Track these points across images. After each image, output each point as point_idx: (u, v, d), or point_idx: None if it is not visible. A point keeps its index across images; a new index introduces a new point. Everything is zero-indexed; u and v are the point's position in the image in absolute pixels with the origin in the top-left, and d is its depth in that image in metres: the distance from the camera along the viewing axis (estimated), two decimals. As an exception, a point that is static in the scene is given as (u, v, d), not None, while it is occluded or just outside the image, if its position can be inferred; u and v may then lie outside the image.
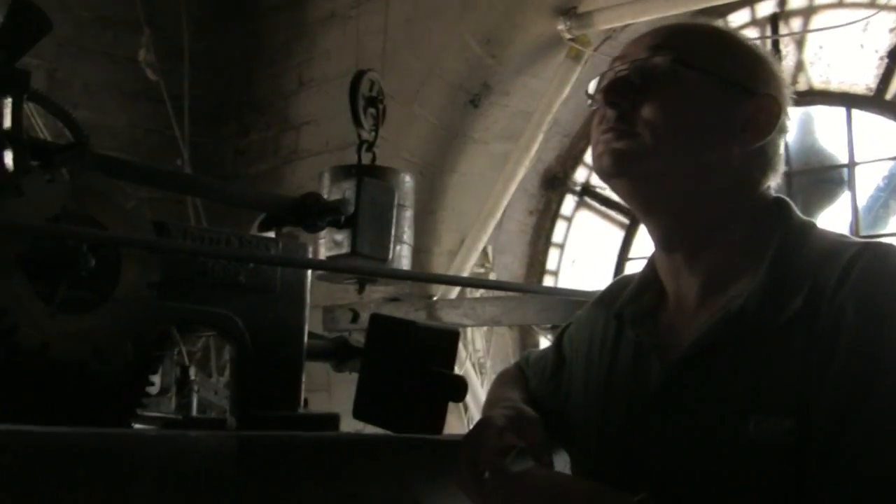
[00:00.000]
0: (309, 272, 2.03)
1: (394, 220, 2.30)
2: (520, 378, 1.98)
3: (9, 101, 1.63)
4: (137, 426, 1.90)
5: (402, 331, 1.89)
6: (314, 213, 2.15)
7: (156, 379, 2.21)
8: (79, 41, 5.75)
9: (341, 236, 2.23)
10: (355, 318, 4.03)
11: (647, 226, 1.64)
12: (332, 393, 4.19)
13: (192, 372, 2.14)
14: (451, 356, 1.90)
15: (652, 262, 1.70)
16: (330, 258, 2.27)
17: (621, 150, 1.53)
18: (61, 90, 5.66)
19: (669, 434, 1.46)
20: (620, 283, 1.82)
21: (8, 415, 1.63)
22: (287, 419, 1.94)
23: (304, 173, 5.67)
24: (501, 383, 2.02)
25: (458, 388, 1.86)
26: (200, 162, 6.15)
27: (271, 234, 2.06)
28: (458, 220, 5.02)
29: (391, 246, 2.30)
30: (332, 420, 2.05)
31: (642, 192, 1.56)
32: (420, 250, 4.81)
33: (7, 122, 1.63)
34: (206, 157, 6.21)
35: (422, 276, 3.33)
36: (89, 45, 5.80)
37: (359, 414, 1.93)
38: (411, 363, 1.85)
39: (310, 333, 2.08)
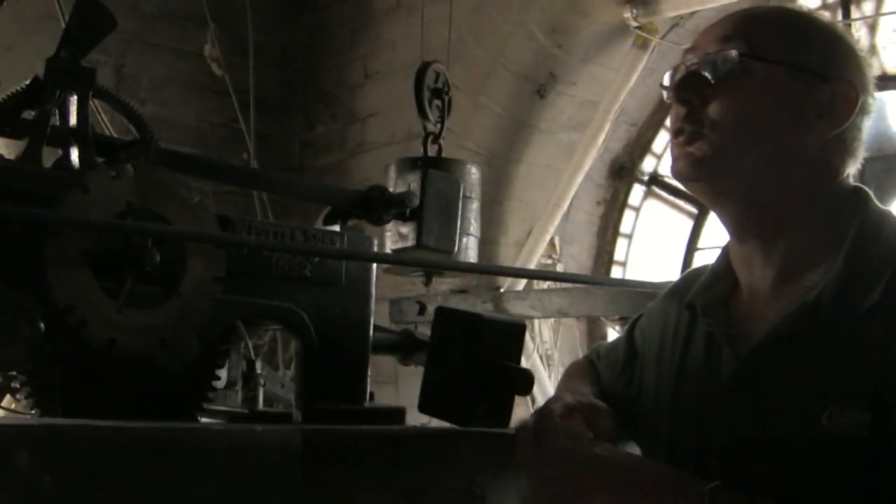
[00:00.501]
0: (374, 265, 2.03)
1: (459, 212, 2.29)
2: (590, 371, 1.97)
3: (74, 99, 1.64)
4: (204, 420, 1.92)
5: (468, 324, 1.87)
6: (379, 206, 2.14)
7: (222, 373, 2.21)
8: (145, 36, 5.82)
9: (407, 229, 2.22)
10: (422, 310, 4.03)
11: (719, 216, 1.61)
12: (399, 386, 4.19)
13: (259, 366, 2.13)
14: (517, 349, 1.88)
15: (725, 252, 1.67)
16: (395, 251, 2.26)
17: (692, 156, 1.51)
18: (128, 86, 5.75)
19: (742, 425, 1.44)
20: (692, 275, 1.79)
21: (76, 409, 1.64)
22: (353, 413, 1.93)
23: (370, 166, 5.68)
24: (571, 376, 2.01)
25: (525, 382, 1.84)
26: (267, 155, 6.19)
27: (336, 228, 2.06)
28: (525, 210, 4.99)
29: (457, 238, 2.29)
30: (398, 414, 2.04)
31: (715, 189, 1.54)
32: (487, 241, 4.79)
33: (73, 120, 1.64)
34: (272, 150, 6.26)
35: (487, 269, 3.30)
36: (155, 40, 5.87)
37: (424, 408, 1.92)
38: (477, 356, 1.83)
39: (376, 327, 2.07)
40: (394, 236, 2.26)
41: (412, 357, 2.22)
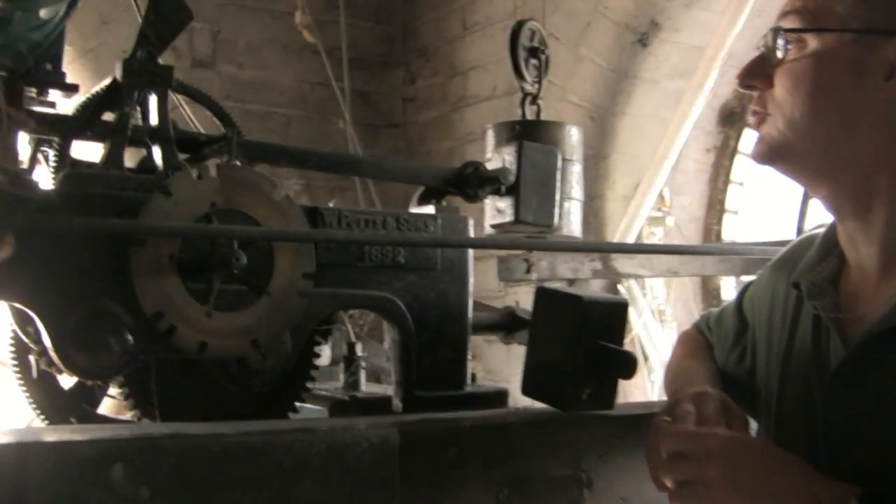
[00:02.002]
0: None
1: (558, 184, 2.22)
2: (703, 346, 1.90)
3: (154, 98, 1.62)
4: (308, 405, 1.91)
5: (569, 305, 1.81)
6: (474, 183, 2.09)
7: (325, 350, 2.21)
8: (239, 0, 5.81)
9: (504, 204, 2.17)
10: (529, 268, 3.98)
11: (813, 195, 1.53)
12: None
13: (360, 348, 2.12)
14: (619, 330, 1.83)
15: (833, 226, 1.58)
16: (493, 226, 2.21)
17: (762, 139, 1.47)
18: (225, 50, 5.76)
19: (851, 416, 1.37)
20: (803, 245, 1.70)
21: (174, 409, 1.65)
22: (453, 399, 1.91)
23: (472, 120, 5.62)
24: (685, 353, 1.93)
25: (628, 365, 1.78)
26: (369, 112, 6.17)
27: (430, 209, 2.01)
28: (632, 163, 4.87)
29: (556, 210, 2.22)
30: (499, 397, 2.01)
31: (792, 171, 1.48)
32: (593, 196, 4.71)
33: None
34: (374, 107, 6.23)
35: (587, 246, 3.22)
36: (250, 2, 5.85)
37: (527, 390, 1.88)
38: (579, 338, 1.77)
39: (476, 304, 2.03)
40: (491, 211, 2.21)
41: (514, 336, 2.18)
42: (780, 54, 1.43)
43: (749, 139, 5.13)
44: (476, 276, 1.98)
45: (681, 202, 5.01)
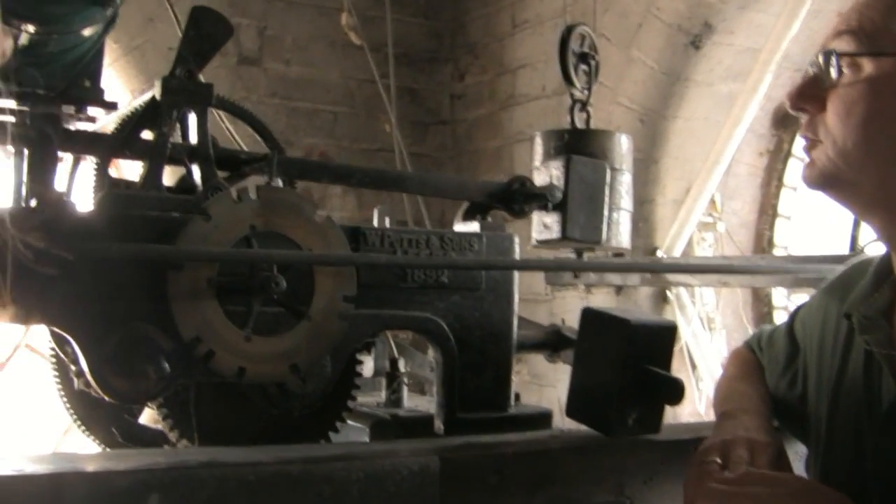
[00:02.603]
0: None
1: (606, 199, 2.18)
2: (754, 366, 1.85)
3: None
4: (350, 422, 1.89)
5: (616, 328, 1.77)
6: (521, 200, 2.05)
7: (369, 362, 2.19)
8: (286, -5, 5.78)
9: (551, 219, 2.13)
10: (577, 273, 3.94)
11: (865, 223, 1.47)
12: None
13: (402, 364, 2.09)
14: (667, 354, 1.79)
15: (888, 256, 1.52)
16: (539, 241, 2.18)
17: (812, 164, 1.41)
18: (272, 47, 5.74)
19: None
20: (856, 270, 1.65)
21: (211, 434, 1.63)
22: (496, 421, 1.88)
23: (521, 119, 5.57)
24: (736, 373, 1.89)
25: (675, 391, 1.74)
26: (417, 109, 6.14)
27: (475, 226, 1.97)
28: (683, 167, 4.80)
29: (604, 226, 2.18)
30: (543, 418, 1.98)
31: (842, 199, 1.42)
32: (643, 201, 4.64)
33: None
34: (421, 104, 6.19)
35: (635, 266, 3.17)
36: (296, -2, 5.81)
37: (571, 412, 1.85)
38: (625, 362, 1.74)
39: (521, 320, 2.00)
40: (538, 226, 2.17)
41: (560, 354, 2.14)
42: (832, 77, 1.37)
43: (803, 143, 5.03)
44: (523, 280, 1.95)
45: (732, 206, 4.93)
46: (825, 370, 1.57)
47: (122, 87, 5.45)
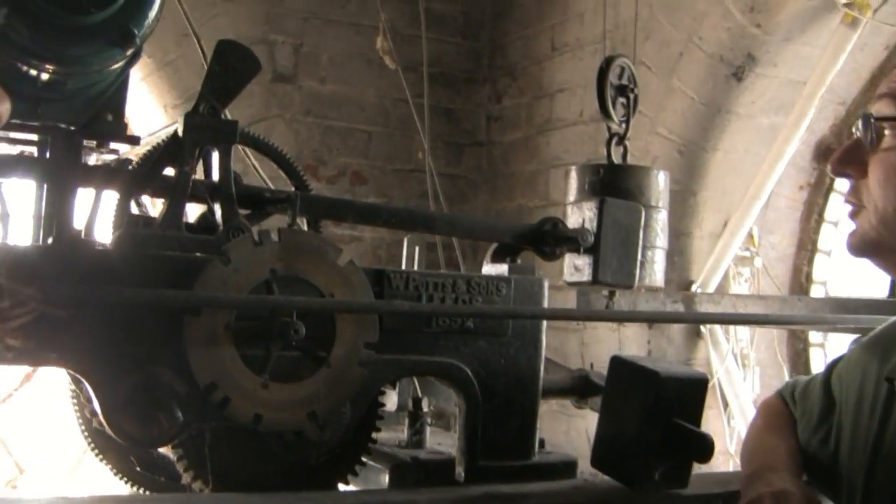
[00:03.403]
0: (545, 303, 1.90)
1: (640, 243, 2.12)
2: (786, 419, 1.81)
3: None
4: (370, 462, 1.84)
5: (645, 379, 1.73)
6: (552, 242, 2.00)
7: (392, 397, 2.15)
8: (322, 13, 5.73)
9: (582, 262, 2.07)
10: (611, 295, 3.89)
11: None
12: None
13: (425, 403, 2.04)
14: (698, 408, 1.75)
15: None
16: (570, 284, 2.13)
17: (855, 231, 1.39)
18: (307, 65, 5.70)
19: None
20: None
21: (226, 478, 1.59)
22: (519, 470, 1.83)
23: (558, 145, 5.52)
24: (766, 425, 1.85)
25: (705, 449, 1.70)
26: (453, 129, 6.09)
27: (504, 268, 1.93)
28: (722, 200, 4.73)
29: (637, 269, 2.13)
30: (567, 467, 1.92)
31: (885, 266, 1.41)
32: (680, 234, 4.58)
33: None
34: (458, 125, 6.15)
35: (654, 316, 3.11)
36: (333, 16, 5.76)
37: (597, 463, 1.82)
38: (653, 415, 1.70)
39: (548, 362, 1.95)
40: (569, 268, 2.12)
41: (587, 401, 2.09)
42: (873, 141, 1.32)
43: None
44: (556, 306, 1.90)
45: (770, 240, 4.85)
46: (862, 431, 1.53)
47: (155, 103, 5.45)
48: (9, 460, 5.47)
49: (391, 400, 2.13)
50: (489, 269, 1.99)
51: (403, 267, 2.11)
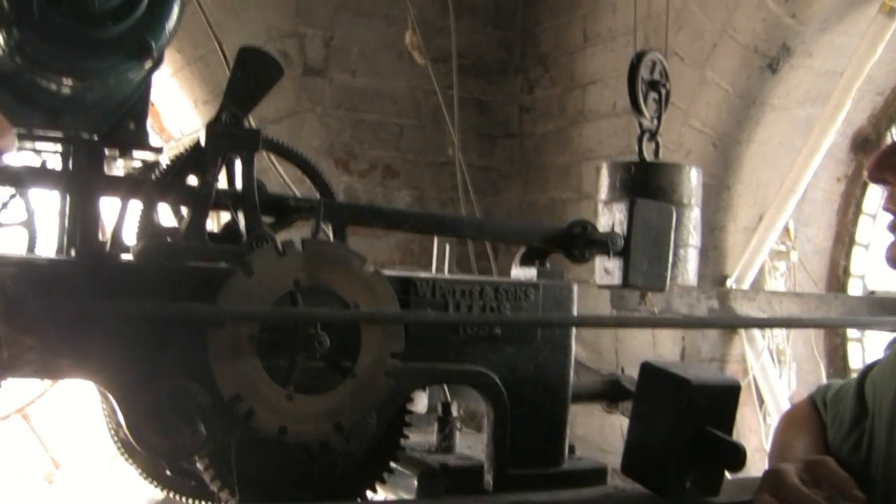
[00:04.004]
0: (575, 309, 1.87)
1: (671, 244, 2.09)
2: (814, 423, 1.78)
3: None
4: (398, 468, 1.83)
5: (675, 386, 1.70)
6: (581, 245, 1.97)
7: (423, 399, 2.13)
8: (354, 5, 5.70)
9: (612, 265, 2.04)
10: (642, 296, 3.86)
11: None
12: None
13: (454, 408, 2.02)
14: (729, 416, 1.72)
15: None
16: (601, 286, 2.10)
17: (893, 244, 1.40)
18: (338, 58, 5.67)
19: None
20: None
21: (253, 488, 1.58)
22: (548, 477, 1.81)
23: (591, 136, 5.47)
24: (792, 426, 1.81)
25: (737, 458, 1.67)
26: (485, 121, 6.06)
27: (533, 273, 1.90)
28: (756, 193, 4.67)
29: (668, 271, 2.10)
30: (598, 475, 1.90)
31: None
32: (714, 228, 4.52)
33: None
34: (490, 116, 6.11)
35: (686, 322, 3.07)
36: (364, 8, 5.72)
37: (627, 469, 1.80)
38: (684, 423, 1.67)
39: (578, 366, 1.92)
40: (599, 271, 2.09)
41: (618, 406, 2.06)
42: None
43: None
44: (589, 304, 1.88)
45: (806, 233, 4.79)
46: None
47: (186, 98, 5.45)
48: (45, 456, 5.52)
49: (422, 402, 2.11)
50: (518, 272, 1.97)
51: (434, 264, 2.10)
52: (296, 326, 1.44)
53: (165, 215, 1.65)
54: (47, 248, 1.68)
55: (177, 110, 5.56)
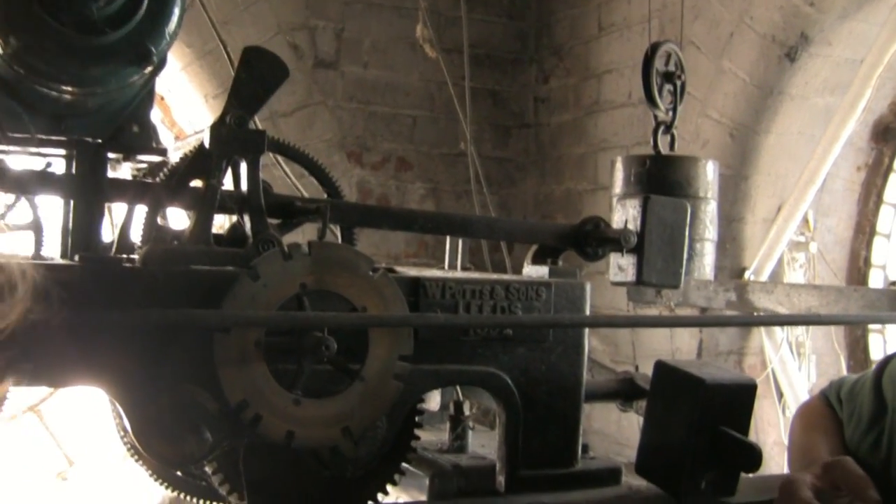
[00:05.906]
0: (587, 308, 1.85)
1: (686, 241, 2.06)
2: (831, 421, 1.75)
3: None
4: (410, 469, 1.81)
5: (690, 386, 1.68)
6: (593, 243, 1.95)
7: (435, 397, 2.11)
8: (365, -4, 5.67)
9: (626, 262, 2.02)
10: (659, 291, 3.83)
11: None
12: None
13: (466, 407, 2.00)
14: (745, 416, 1.70)
15: None
16: (615, 283, 2.07)
17: None
18: (349, 50, 5.65)
19: None
20: None
21: (262, 493, 1.57)
22: (561, 478, 1.79)
23: (606, 127, 5.44)
24: (808, 427, 1.78)
25: (752, 459, 1.65)
26: (500, 112, 6.03)
27: (545, 271, 1.87)
28: (775, 184, 4.62)
29: (683, 268, 2.07)
30: (612, 475, 1.88)
31: None
32: (732, 219, 4.48)
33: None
34: (504, 107, 6.08)
35: (700, 321, 3.04)
36: (376, -1, 5.69)
37: (641, 470, 1.79)
38: (699, 423, 1.65)
39: (592, 364, 1.90)
40: (613, 268, 2.07)
41: (632, 405, 2.04)
42: None
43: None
44: (606, 296, 1.85)
45: (826, 224, 4.73)
46: None
47: (196, 92, 5.42)
48: (59, 453, 5.53)
49: (434, 399, 2.09)
50: (530, 270, 1.94)
51: (447, 259, 2.07)
52: (302, 330, 1.42)
53: (177, 217, 1.63)
54: (54, 250, 1.66)
55: (187, 105, 5.55)
